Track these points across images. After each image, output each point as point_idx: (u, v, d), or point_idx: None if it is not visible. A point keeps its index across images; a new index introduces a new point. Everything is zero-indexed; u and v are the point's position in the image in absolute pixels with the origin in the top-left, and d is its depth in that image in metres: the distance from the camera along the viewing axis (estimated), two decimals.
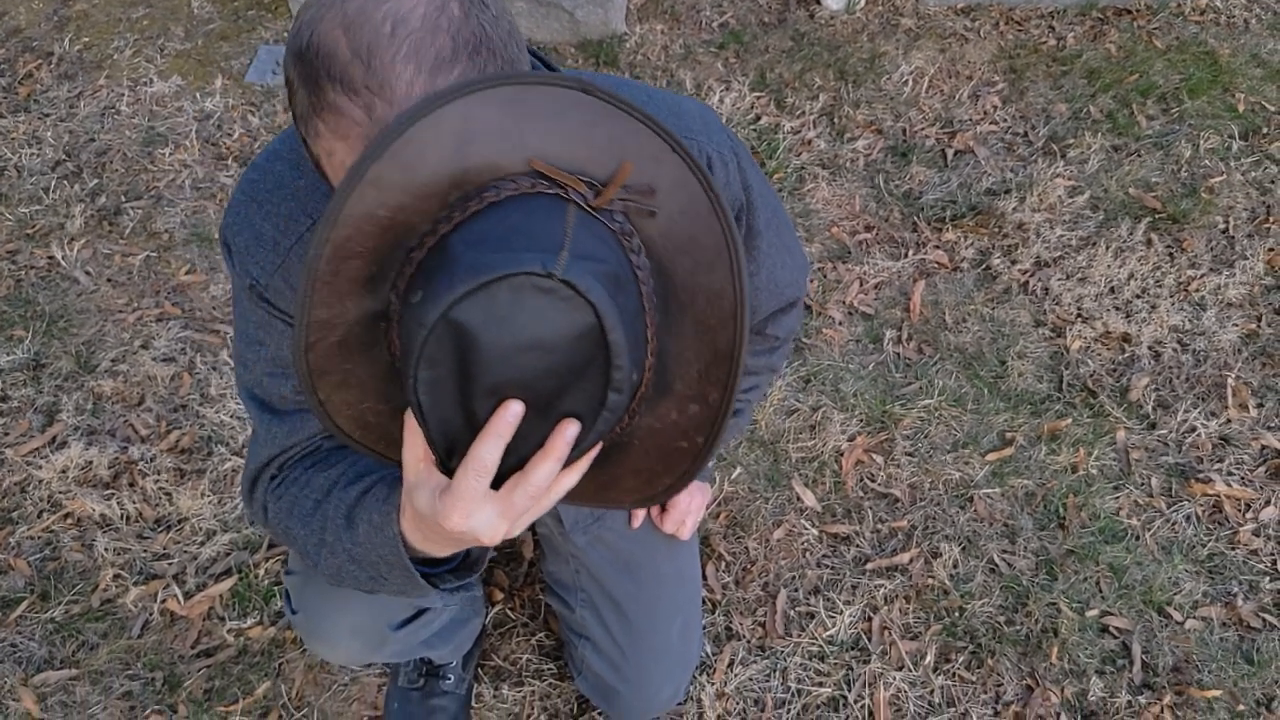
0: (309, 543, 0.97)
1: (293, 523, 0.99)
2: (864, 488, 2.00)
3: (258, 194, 0.98)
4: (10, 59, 2.90)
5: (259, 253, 0.98)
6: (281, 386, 1.02)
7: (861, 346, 2.25)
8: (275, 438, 1.02)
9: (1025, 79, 2.90)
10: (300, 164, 0.98)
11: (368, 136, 0.72)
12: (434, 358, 0.69)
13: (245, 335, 1.03)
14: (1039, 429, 2.09)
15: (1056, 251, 2.42)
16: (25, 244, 2.40)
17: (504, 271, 0.66)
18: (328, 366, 0.77)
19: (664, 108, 1.06)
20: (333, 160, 0.76)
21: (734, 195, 1.11)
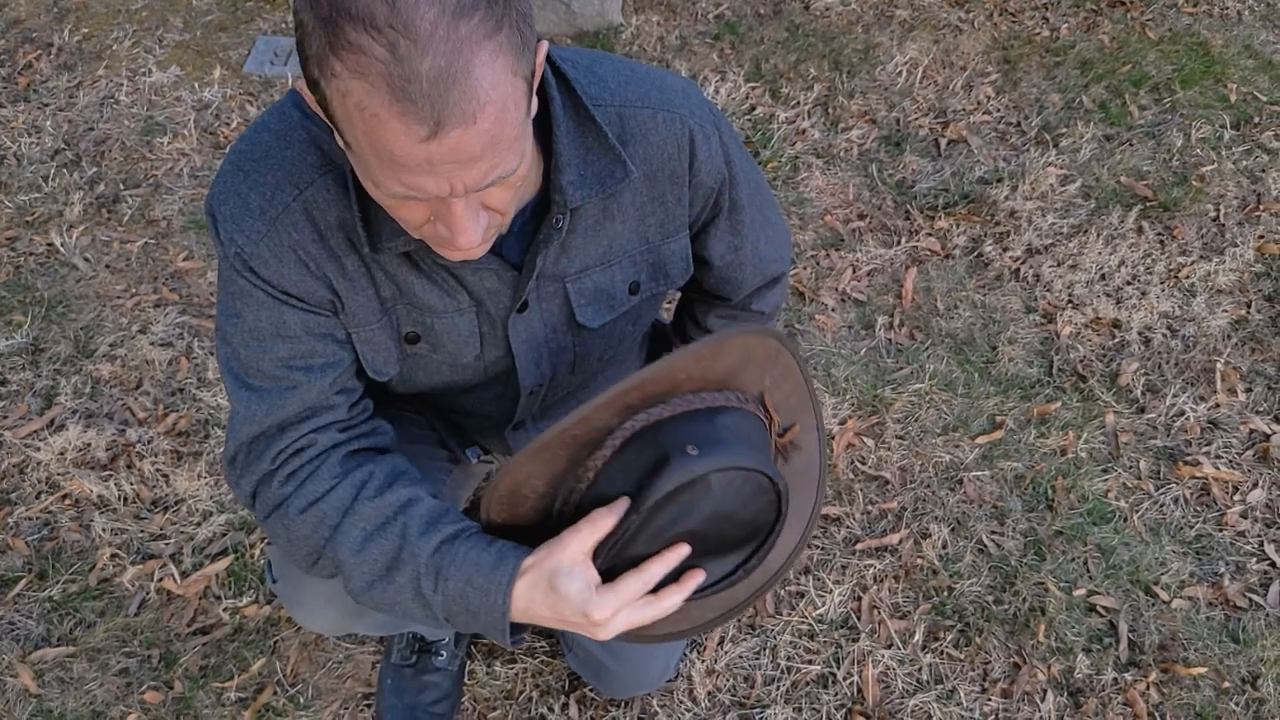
0: (345, 556, 1.01)
1: (336, 544, 1.01)
2: (855, 470, 2.02)
3: (244, 164, 0.98)
4: (10, 50, 2.93)
5: (245, 220, 0.98)
6: (260, 360, 1.02)
7: (853, 332, 2.27)
8: (255, 415, 1.03)
9: (1019, 69, 2.92)
10: (288, 135, 0.98)
11: (390, 75, 0.71)
12: (675, 497, 0.92)
13: (225, 308, 1.03)
14: (1029, 413, 2.11)
15: (1048, 239, 2.44)
16: (24, 231, 2.42)
17: (747, 465, 0.93)
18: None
19: (647, 81, 1.07)
20: (347, 101, 0.74)
21: (715, 168, 1.12)
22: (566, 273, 1.09)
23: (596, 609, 0.93)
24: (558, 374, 1.22)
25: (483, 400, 1.29)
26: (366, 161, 0.79)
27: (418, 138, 0.74)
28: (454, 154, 0.76)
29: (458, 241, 0.86)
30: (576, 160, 1.00)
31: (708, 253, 1.22)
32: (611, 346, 1.23)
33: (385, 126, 0.74)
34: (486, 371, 1.18)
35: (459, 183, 0.79)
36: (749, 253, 1.25)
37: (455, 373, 1.16)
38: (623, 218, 1.09)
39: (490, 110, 0.75)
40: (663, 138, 1.06)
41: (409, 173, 0.78)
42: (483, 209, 0.87)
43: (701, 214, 1.17)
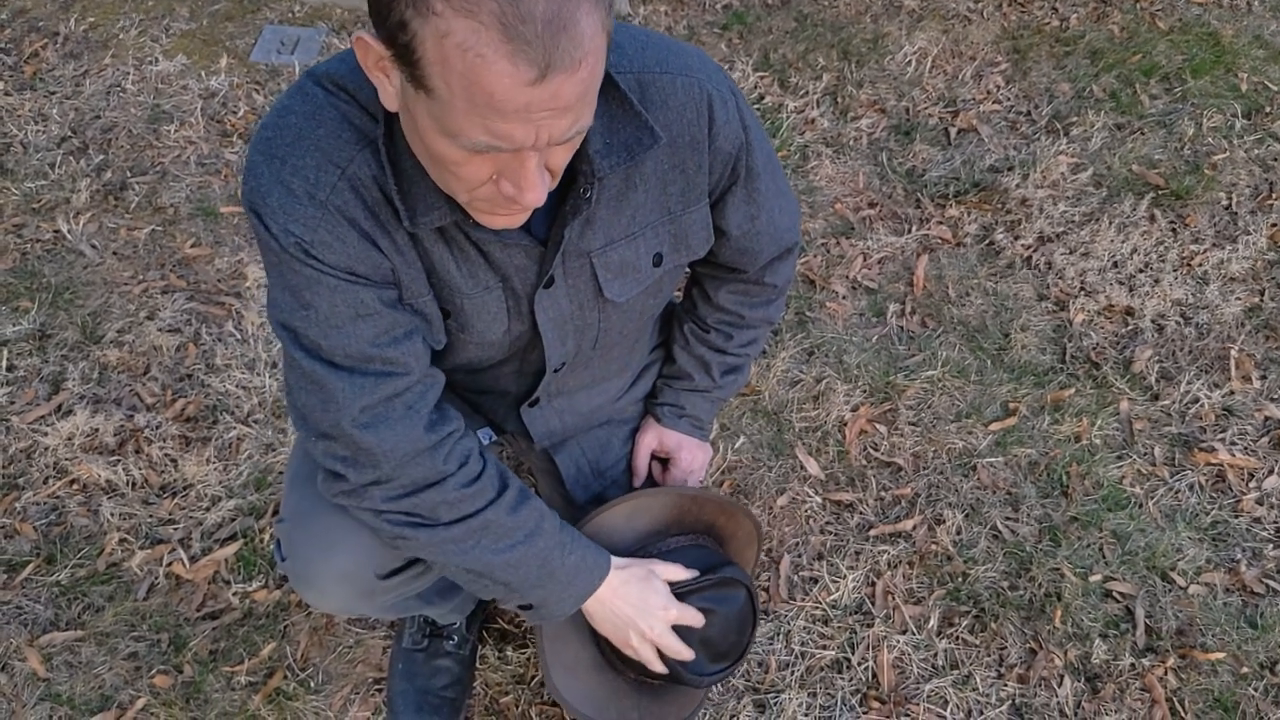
0: (465, 539, 1.11)
1: (479, 546, 1.12)
2: (867, 456, 2.00)
3: (277, 151, 0.95)
4: (16, 39, 2.91)
5: (296, 208, 0.94)
6: (347, 344, 1.00)
7: (865, 320, 2.26)
8: (363, 390, 1.02)
9: (1028, 59, 2.90)
10: (316, 115, 0.95)
11: (503, 14, 0.71)
12: (723, 586, 1.35)
13: (288, 301, 1.00)
14: (1042, 400, 2.09)
15: (1059, 227, 2.43)
16: (31, 218, 2.41)
17: (757, 604, 1.42)
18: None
19: (663, 47, 1.06)
20: (446, 41, 0.73)
21: (733, 134, 1.11)
22: (592, 247, 1.09)
23: (676, 608, 1.28)
24: (581, 350, 1.21)
25: (501, 377, 1.28)
26: (451, 109, 0.77)
27: (525, 80, 0.74)
28: (553, 100, 0.76)
29: (525, 198, 0.85)
30: (602, 128, 1.00)
31: (726, 222, 1.21)
32: (632, 320, 1.22)
33: (491, 68, 0.73)
34: (511, 348, 1.17)
35: (546, 133, 0.79)
36: (765, 221, 1.24)
37: (481, 350, 1.15)
38: (645, 187, 1.08)
39: (589, 61, 0.76)
40: (682, 103, 1.05)
41: (502, 119, 0.76)
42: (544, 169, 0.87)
43: (720, 182, 1.16)
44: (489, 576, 1.15)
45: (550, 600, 1.21)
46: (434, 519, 1.09)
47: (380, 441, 1.04)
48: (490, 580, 1.15)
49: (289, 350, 1.03)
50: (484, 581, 1.16)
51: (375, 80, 0.85)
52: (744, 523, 1.49)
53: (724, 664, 1.38)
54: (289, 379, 1.05)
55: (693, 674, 1.33)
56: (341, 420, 1.02)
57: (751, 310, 1.42)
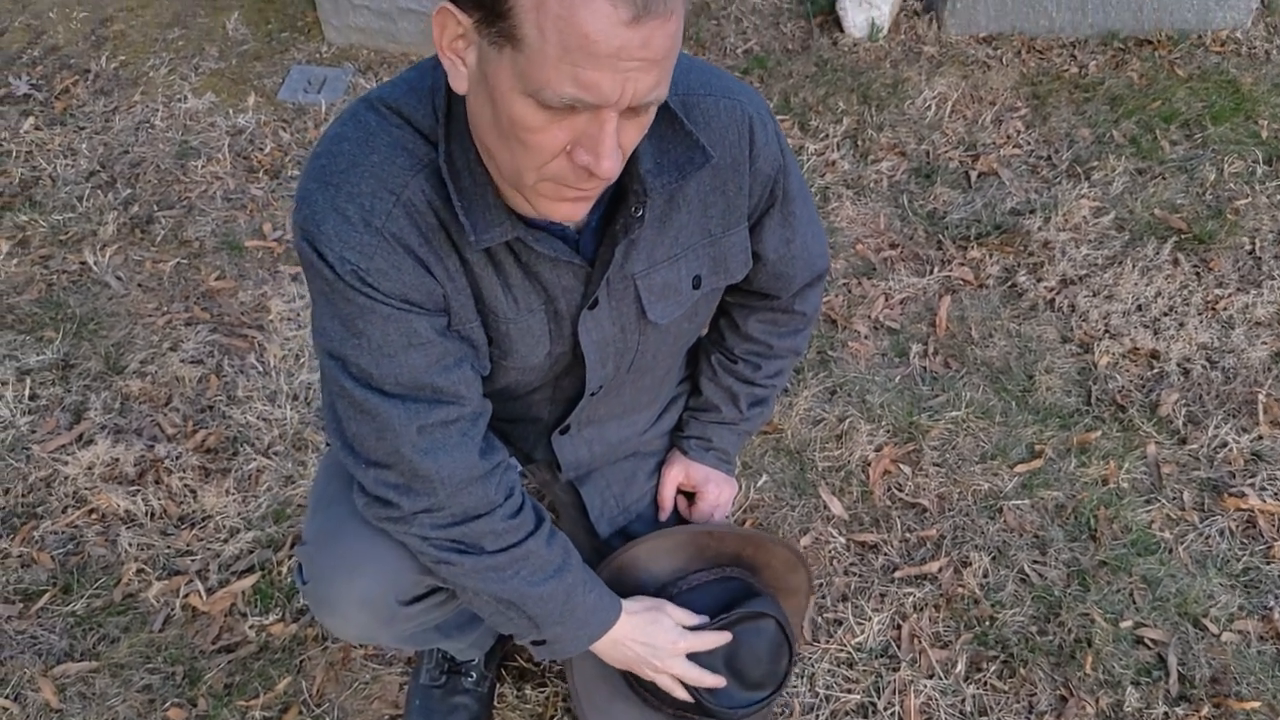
0: (507, 568, 1.12)
1: (518, 576, 1.13)
2: (892, 497, 1.98)
3: (331, 177, 0.95)
4: (48, 75, 2.96)
5: (352, 236, 0.94)
6: (398, 372, 1.00)
7: (887, 360, 2.25)
8: (417, 414, 1.01)
9: (1048, 105, 2.92)
10: (369, 141, 0.95)
11: None
12: (746, 620, 1.33)
13: (339, 332, 0.99)
14: (1068, 442, 2.07)
15: (1082, 270, 2.42)
16: (58, 250, 2.43)
17: (789, 633, 1.38)
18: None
19: (705, 70, 1.08)
20: (546, 4, 0.75)
21: (772, 156, 1.12)
22: (636, 269, 1.09)
23: (686, 639, 1.29)
24: (619, 372, 1.21)
25: (534, 404, 1.27)
26: (541, 57, 0.78)
27: (622, 19, 0.75)
28: (643, 48, 0.77)
29: (601, 165, 0.84)
30: (651, 148, 1.00)
31: (762, 246, 1.21)
32: (668, 344, 1.22)
33: (589, 5, 0.74)
34: (549, 372, 1.17)
35: (631, 87, 0.79)
36: (800, 246, 1.25)
37: (520, 375, 1.15)
38: (687, 209, 1.09)
39: (677, 17, 0.79)
40: (724, 125, 1.06)
41: (594, 64, 0.77)
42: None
43: (758, 205, 1.16)
44: (520, 607, 1.14)
45: (565, 637, 1.21)
46: (479, 547, 1.10)
47: (439, 468, 1.03)
48: (519, 612, 1.15)
49: (337, 379, 1.02)
50: (512, 613, 1.15)
51: (447, 63, 0.86)
52: (776, 550, 1.46)
53: (761, 693, 1.35)
54: (337, 409, 1.04)
55: (722, 705, 1.31)
56: (400, 446, 1.02)
57: (780, 340, 1.42)
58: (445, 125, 0.95)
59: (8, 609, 1.76)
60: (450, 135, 0.95)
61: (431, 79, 0.98)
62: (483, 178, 0.96)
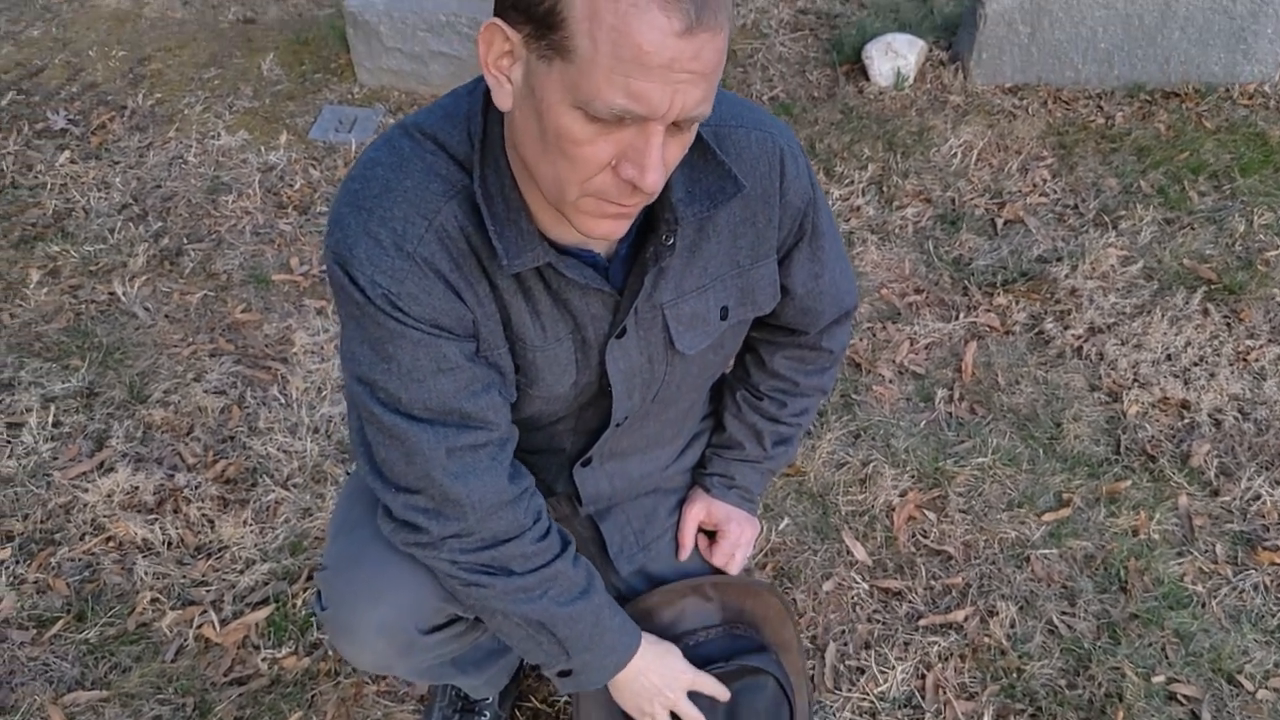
0: (536, 589, 1.11)
1: (546, 596, 1.11)
2: (916, 543, 1.94)
3: (364, 202, 0.95)
4: (85, 111, 3.02)
5: (383, 260, 0.94)
6: (426, 397, 1.00)
7: (912, 404, 2.22)
8: (446, 438, 1.01)
9: (1074, 154, 2.92)
10: (403, 167, 0.96)
11: None
12: (745, 675, 1.31)
13: (369, 356, 0.99)
14: (1097, 491, 2.03)
15: (1110, 318, 2.40)
16: (88, 280, 2.45)
17: (790, 693, 1.36)
18: None
19: (737, 103, 1.08)
20: (600, 15, 0.76)
21: (802, 189, 1.12)
22: (664, 299, 1.09)
23: (693, 674, 1.27)
24: (643, 402, 1.20)
25: (557, 435, 1.26)
26: (592, 68, 0.78)
27: (675, 30, 0.76)
28: (695, 59, 0.78)
29: (646, 178, 0.84)
30: (683, 177, 1.01)
31: (791, 280, 1.20)
32: (693, 375, 1.21)
33: (643, 17, 0.75)
34: (574, 402, 1.16)
35: (680, 100, 0.80)
36: (828, 281, 1.24)
37: (545, 404, 1.14)
38: (717, 239, 1.09)
39: (725, 33, 0.80)
40: (755, 156, 1.06)
41: (645, 75, 0.78)
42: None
43: (787, 238, 1.16)
44: (549, 629, 1.12)
45: (592, 665, 1.18)
46: (508, 570, 1.09)
47: (469, 491, 1.03)
48: (549, 635, 1.13)
49: (366, 405, 1.01)
50: (542, 637, 1.13)
51: (491, 80, 0.86)
52: (770, 601, 1.44)
53: None
54: (366, 434, 1.04)
55: None
56: (431, 470, 1.01)
57: (806, 377, 1.40)
58: (480, 150, 0.96)
59: (21, 635, 1.74)
60: (485, 160, 0.96)
61: (467, 105, 0.98)
62: (516, 203, 0.96)
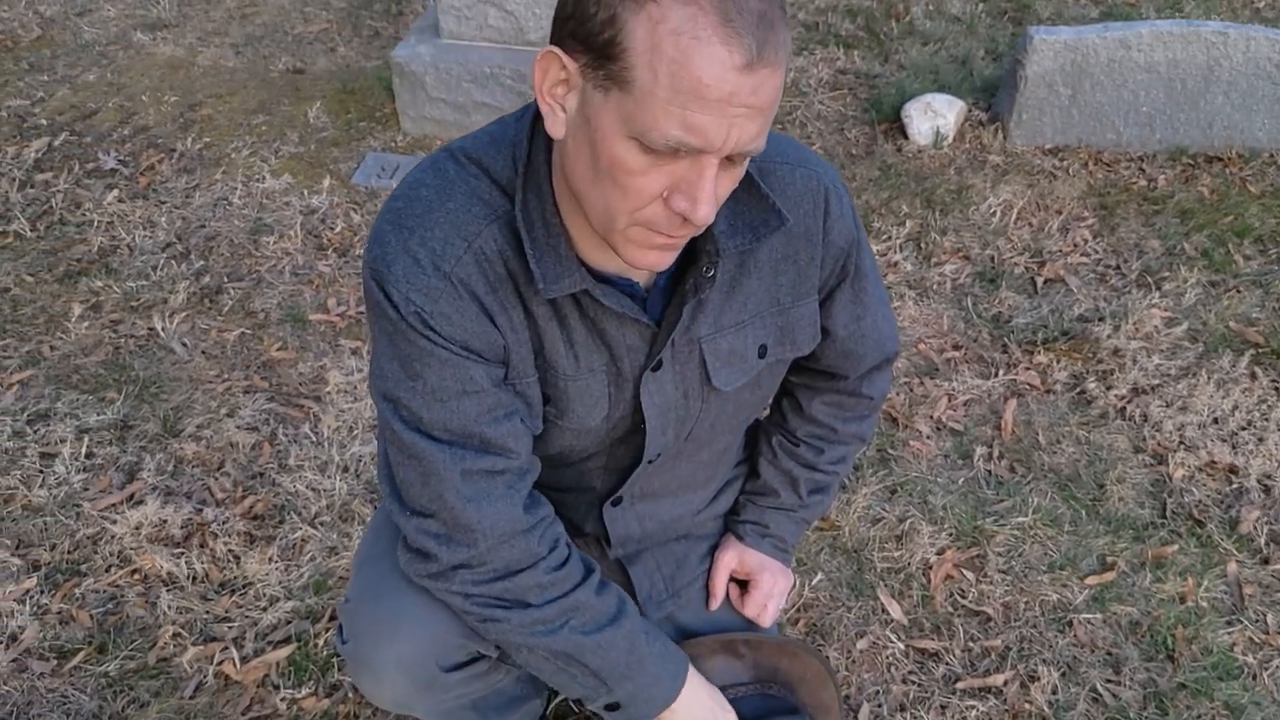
0: (555, 619, 1.07)
1: (568, 627, 1.08)
2: (954, 603, 1.88)
3: (406, 221, 0.96)
4: (135, 152, 3.09)
5: (419, 278, 0.94)
6: (448, 419, 0.99)
7: (950, 461, 2.17)
8: (463, 460, 0.99)
9: (1116, 215, 2.89)
10: (446, 189, 0.96)
11: (720, 4, 0.75)
12: None
13: (397, 374, 0.99)
14: (1142, 555, 1.97)
15: (1155, 379, 2.35)
16: (128, 315, 2.48)
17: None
18: None
19: (783, 141, 1.08)
20: (660, 28, 0.76)
21: (846, 229, 1.11)
22: (701, 333, 1.07)
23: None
24: (676, 439, 1.17)
25: (587, 473, 1.24)
26: (650, 100, 0.78)
27: (736, 64, 0.76)
28: (753, 94, 0.78)
29: (698, 211, 0.84)
30: (727, 210, 1.00)
31: (832, 322, 1.19)
32: (728, 414, 1.18)
33: (705, 50, 0.76)
34: (606, 438, 1.14)
35: (736, 134, 0.80)
36: (870, 324, 1.22)
37: (576, 438, 1.12)
38: (758, 275, 1.07)
39: (783, 70, 0.80)
40: (800, 193, 1.05)
41: (702, 108, 0.78)
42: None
43: (829, 279, 1.14)
44: (579, 661, 1.08)
45: (640, 696, 1.14)
46: (523, 602, 1.06)
47: (481, 518, 1.01)
48: (580, 667, 1.09)
49: (389, 422, 1.01)
50: (574, 669, 1.09)
51: (545, 108, 0.87)
52: (809, 662, 1.39)
53: None
54: (390, 454, 1.04)
55: None
56: (445, 492, 1.00)
57: (845, 424, 1.37)
58: (523, 175, 0.96)
59: (41, 665, 1.73)
60: (527, 185, 0.96)
61: (514, 132, 0.99)
62: (557, 229, 0.96)
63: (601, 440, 1.15)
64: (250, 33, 3.86)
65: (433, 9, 3.31)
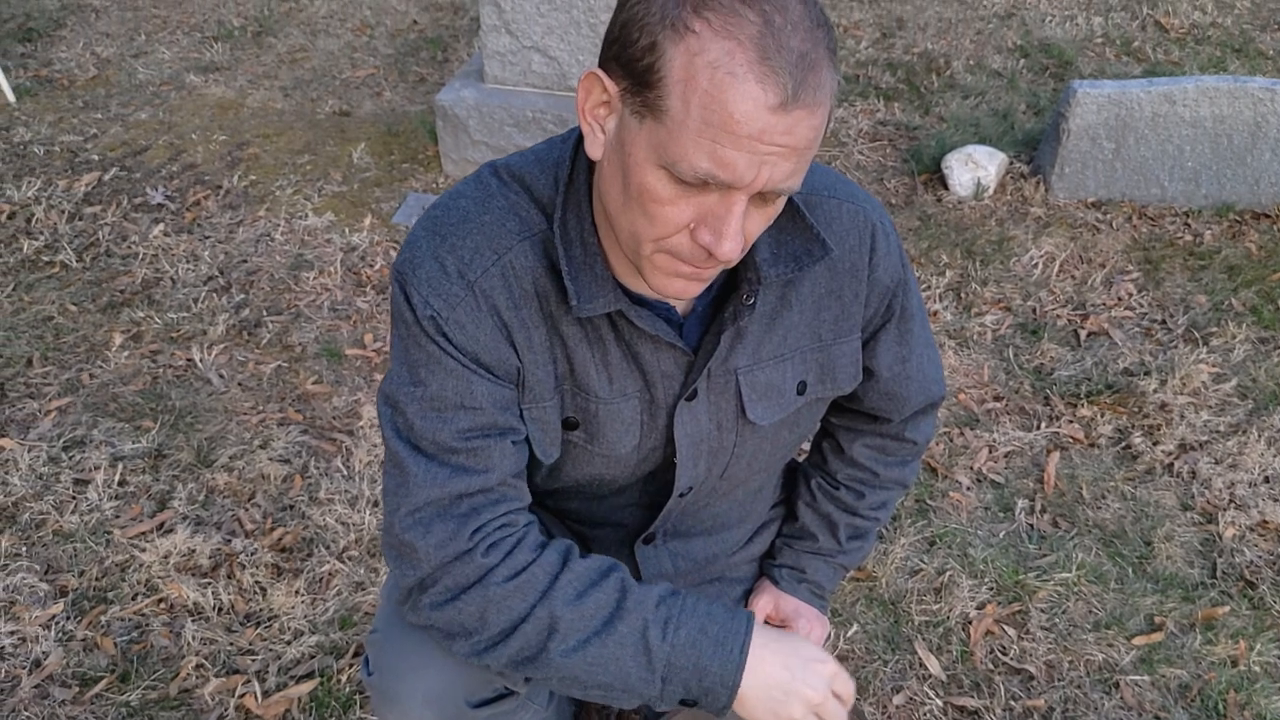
0: (560, 610, 0.96)
1: (551, 601, 0.95)
2: (995, 660, 1.82)
3: (440, 228, 0.96)
4: (183, 189, 3.15)
5: (442, 284, 0.94)
6: (437, 431, 0.97)
7: (991, 514, 2.12)
8: (436, 480, 0.96)
9: (1161, 270, 2.85)
10: (485, 202, 0.97)
11: (762, 39, 0.74)
12: None
13: (404, 376, 0.98)
14: (1191, 616, 1.89)
15: (1203, 436, 2.28)
16: (168, 345, 2.50)
17: None
18: None
19: (830, 175, 1.06)
20: (697, 59, 0.75)
21: (893, 267, 1.09)
22: (739, 364, 1.05)
23: (831, 662, 1.02)
24: (710, 475, 1.14)
25: (619, 508, 1.21)
26: (681, 130, 0.77)
27: (769, 104, 0.75)
28: (787, 134, 0.77)
29: (722, 247, 0.82)
30: (769, 238, 0.99)
31: (876, 362, 1.16)
32: (765, 451, 1.15)
33: (739, 87, 0.74)
34: (638, 469, 1.11)
35: (766, 172, 0.78)
36: (915, 366, 1.19)
37: (606, 466, 1.09)
38: (800, 308, 1.05)
39: (823, 110, 0.78)
40: (846, 228, 1.03)
41: (733, 143, 0.76)
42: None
43: (874, 318, 1.12)
44: (590, 683, 0.99)
45: (691, 692, 0.97)
46: (482, 626, 0.97)
47: (425, 536, 0.96)
48: (598, 688, 0.99)
49: (383, 425, 1.01)
50: (595, 692, 1.01)
51: (586, 129, 0.86)
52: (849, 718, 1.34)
53: None
54: (384, 461, 1.03)
55: None
56: (401, 505, 0.97)
57: (887, 469, 1.34)
58: (564, 194, 0.96)
59: (63, 692, 1.71)
60: (567, 203, 0.96)
61: (558, 152, 0.99)
62: (594, 248, 0.95)
63: (632, 471, 1.12)
64: (299, 76, 3.94)
65: (478, 55, 3.37)
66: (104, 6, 4.51)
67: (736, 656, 0.95)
